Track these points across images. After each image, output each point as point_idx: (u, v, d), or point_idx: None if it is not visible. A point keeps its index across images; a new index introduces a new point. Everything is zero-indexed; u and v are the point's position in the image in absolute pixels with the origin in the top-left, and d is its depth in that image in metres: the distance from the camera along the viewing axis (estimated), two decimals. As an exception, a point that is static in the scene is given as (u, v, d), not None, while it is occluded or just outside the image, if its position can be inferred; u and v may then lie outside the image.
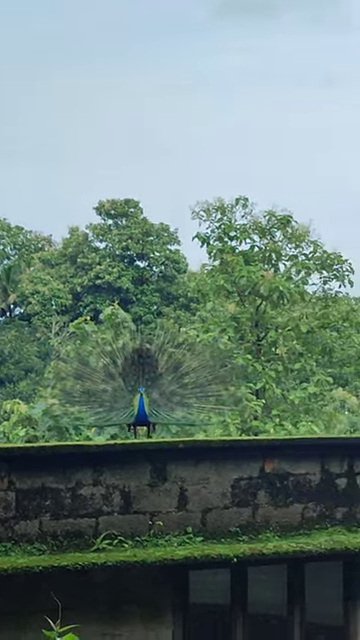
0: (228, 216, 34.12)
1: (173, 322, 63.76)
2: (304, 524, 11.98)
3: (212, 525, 11.61)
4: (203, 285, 35.40)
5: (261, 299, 33.25)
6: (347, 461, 12.23)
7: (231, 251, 33.46)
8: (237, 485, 11.75)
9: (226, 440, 12.75)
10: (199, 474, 11.60)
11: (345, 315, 33.43)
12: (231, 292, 33.72)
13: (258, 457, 11.89)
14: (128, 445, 11.69)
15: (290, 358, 32.99)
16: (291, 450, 12.08)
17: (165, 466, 11.48)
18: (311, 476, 12.06)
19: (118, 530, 11.22)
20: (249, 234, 33.90)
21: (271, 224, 33.97)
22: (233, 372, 33.68)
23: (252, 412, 31.35)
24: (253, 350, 33.77)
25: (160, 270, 70.54)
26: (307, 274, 33.76)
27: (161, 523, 11.37)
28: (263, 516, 11.82)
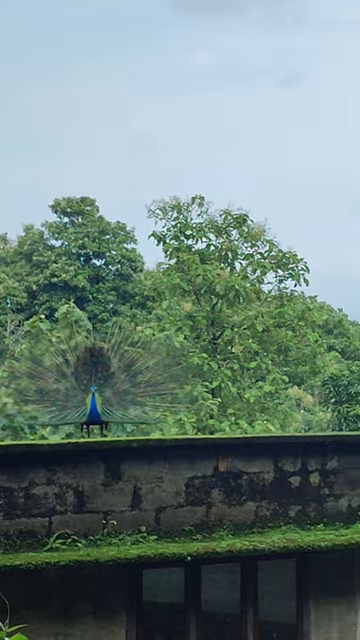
0: (184, 215, 34.11)
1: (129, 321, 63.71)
2: (258, 522, 12.01)
3: (166, 524, 11.60)
4: (159, 284, 35.38)
5: (217, 298, 33.30)
6: (300, 459, 12.28)
7: (187, 250, 33.49)
8: (191, 484, 11.75)
9: (180, 439, 12.76)
10: (153, 473, 11.60)
11: (300, 314, 33.55)
12: (187, 291, 33.75)
13: (212, 456, 11.90)
14: (81, 444, 11.67)
15: (246, 357, 33.07)
16: (245, 449, 12.10)
17: (119, 465, 11.47)
18: (265, 474, 12.09)
19: (72, 529, 11.18)
20: (205, 233, 33.94)
21: (227, 223, 34.02)
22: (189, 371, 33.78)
23: (208, 411, 31.38)
24: (209, 349, 33.81)
25: (116, 269, 70.37)
26: (263, 273, 33.86)
27: (115, 522, 11.35)
28: (217, 515, 11.84)
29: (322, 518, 12.31)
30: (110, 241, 70.39)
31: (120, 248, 70.28)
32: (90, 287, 68.73)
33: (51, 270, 68.90)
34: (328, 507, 12.38)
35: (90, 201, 70.92)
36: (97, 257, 70.90)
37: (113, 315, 66.52)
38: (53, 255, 70.06)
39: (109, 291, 68.82)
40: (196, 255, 33.13)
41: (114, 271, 70.47)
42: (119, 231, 70.65)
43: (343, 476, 12.45)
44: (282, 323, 33.58)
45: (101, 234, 70.05)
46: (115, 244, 70.32)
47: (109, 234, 70.57)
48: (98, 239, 69.80)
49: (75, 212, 71.34)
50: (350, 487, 12.49)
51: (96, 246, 69.57)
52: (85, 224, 70.47)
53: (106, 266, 70.53)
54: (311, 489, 12.29)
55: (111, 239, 70.57)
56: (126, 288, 68.98)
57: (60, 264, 68.77)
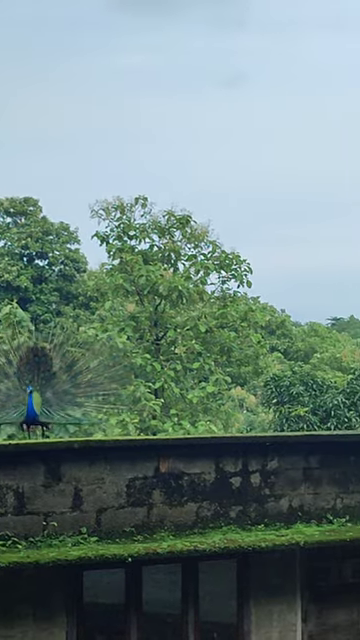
0: (127, 215, 34.09)
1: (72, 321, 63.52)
2: (199, 523, 12.03)
3: (107, 525, 11.59)
4: (102, 284, 35.38)
5: (160, 298, 33.33)
6: (241, 460, 12.32)
7: (130, 250, 33.48)
8: (132, 485, 11.75)
9: (121, 440, 12.75)
10: (94, 474, 11.58)
11: (243, 315, 33.67)
12: (130, 291, 33.75)
13: (153, 457, 11.90)
14: (21, 446, 11.60)
15: (189, 357, 33.13)
16: (186, 449, 12.12)
17: (59, 466, 11.43)
18: (206, 475, 12.12)
19: (12, 531, 11.13)
20: (148, 234, 33.96)
21: (170, 224, 34.07)
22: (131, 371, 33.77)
23: (151, 411, 31.40)
24: (152, 349, 33.83)
25: (59, 269, 70.10)
26: (206, 274, 33.95)
27: (55, 524, 11.31)
28: (158, 515, 11.84)
29: (263, 518, 12.36)
30: (53, 241, 70.10)
31: (63, 249, 70.03)
32: (33, 287, 68.39)
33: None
34: (269, 507, 12.44)
35: (33, 201, 70.58)
36: (40, 257, 70.58)
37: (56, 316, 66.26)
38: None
39: (52, 292, 68.54)
40: (139, 256, 33.14)
41: (57, 272, 70.20)
42: (62, 231, 70.39)
43: (284, 476, 12.51)
44: (225, 324, 33.69)
45: (44, 234, 69.74)
46: (58, 244, 70.05)
47: (52, 234, 70.28)
48: (41, 239, 69.49)
49: (18, 212, 70.97)
50: (291, 487, 12.56)
51: (39, 246, 69.26)
52: (28, 224, 70.13)
53: (49, 267, 70.24)
54: (252, 489, 12.33)
55: (54, 239, 70.29)
56: (69, 289, 68.74)
57: (2, 264, 68.36)
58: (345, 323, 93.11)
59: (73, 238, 70.61)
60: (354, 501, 12.87)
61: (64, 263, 70.08)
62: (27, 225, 70.06)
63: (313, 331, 77.73)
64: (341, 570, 12.90)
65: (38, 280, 69.26)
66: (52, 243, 69.89)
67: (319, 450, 12.74)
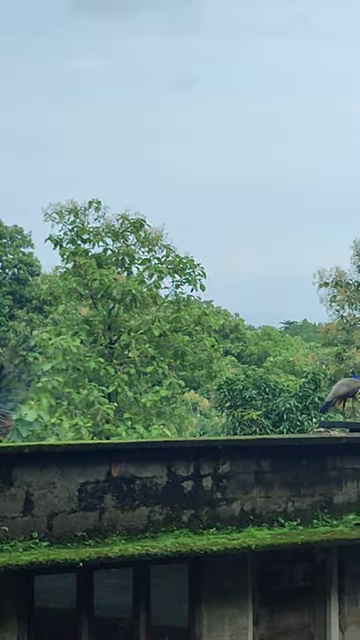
0: (81, 219, 34.05)
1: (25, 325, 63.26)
2: (150, 527, 12.03)
3: (58, 530, 11.55)
4: (56, 288, 35.34)
5: (114, 302, 33.34)
6: (193, 464, 12.33)
7: (84, 254, 33.47)
8: (84, 489, 11.72)
9: (72, 444, 12.70)
10: (45, 478, 11.54)
11: (197, 319, 33.76)
12: (84, 295, 33.72)
13: (105, 461, 11.88)
14: (-27, 450, 11.54)
15: (142, 361, 33.17)
16: (138, 453, 12.11)
17: (10, 471, 11.38)
18: (157, 479, 12.12)
19: None
20: (102, 237, 33.97)
21: (124, 227, 34.10)
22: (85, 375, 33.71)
23: (104, 415, 31.38)
24: (106, 353, 33.81)
25: (13, 272, 69.85)
26: (160, 278, 34.00)
27: (6, 528, 11.26)
28: (110, 520, 11.83)
29: (215, 522, 12.38)
30: (7, 245, 69.83)
31: (17, 252, 69.77)
32: (-14, 291, 68.08)
33: None
34: (221, 511, 12.46)
35: (-14, 204, 70.28)
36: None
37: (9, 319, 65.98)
38: None
39: (5, 295, 68.23)
40: (93, 259, 33.14)
41: (10, 275, 69.92)
42: (16, 235, 70.12)
43: (235, 480, 12.54)
44: (179, 328, 33.76)
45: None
46: (12, 248, 69.78)
47: (6, 238, 69.99)
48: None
49: (-30, 215, 70.65)
50: (242, 491, 12.59)
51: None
52: (-19, 227, 69.81)
53: (2, 270, 69.92)
54: (204, 493, 12.35)
55: (7, 243, 70.01)
56: (23, 292, 68.48)
57: None
58: (298, 327, 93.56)
59: (27, 241, 70.37)
60: (305, 504, 12.94)
61: (17, 267, 69.80)
62: (-20, 229, 69.75)
63: (266, 335, 78.03)
64: (292, 573, 12.96)
65: (-9, 283, 68.95)
66: (5, 246, 69.61)
67: (271, 454, 12.79)
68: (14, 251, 69.65)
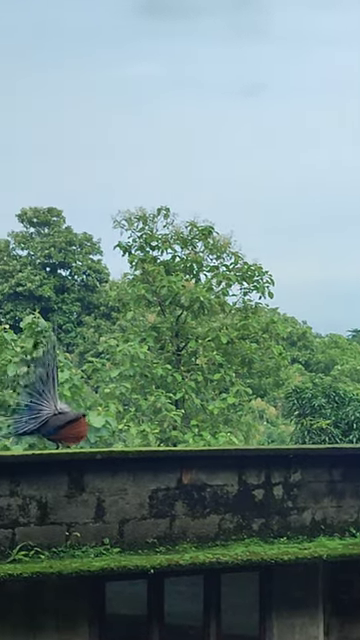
0: (150, 226, 34.14)
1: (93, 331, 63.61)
2: (221, 535, 12.01)
3: (129, 536, 11.58)
4: (124, 294, 35.41)
5: (182, 309, 33.35)
6: (264, 472, 12.30)
7: (152, 261, 33.52)
8: (154, 496, 11.74)
9: (143, 451, 12.75)
10: (116, 485, 11.58)
11: (265, 326, 33.66)
12: (152, 302, 33.77)
13: (176, 468, 11.90)
14: (45, 455, 11.62)
15: (210, 368, 33.13)
16: (208, 461, 12.11)
17: (82, 477, 11.44)
18: (228, 487, 12.10)
19: (35, 541, 11.14)
20: (170, 244, 34.00)
21: (193, 235, 34.11)
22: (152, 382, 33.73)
23: (171, 422, 31.40)
24: (173, 360, 33.83)
25: (82, 279, 70.29)
26: (228, 285, 33.96)
27: (78, 534, 11.32)
28: (180, 527, 11.83)
29: (285, 531, 12.34)
30: (76, 252, 70.32)
31: (86, 259, 70.22)
32: (55, 297, 68.61)
33: (16, 279, 68.72)
34: (291, 520, 12.41)
35: (57, 212, 70.85)
36: (63, 267, 70.81)
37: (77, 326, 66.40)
38: (18, 265, 69.88)
39: (74, 302, 68.70)
40: (161, 266, 33.18)
41: (79, 282, 70.39)
42: (85, 242, 70.59)
43: (306, 489, 12.49)
44: (246, 335, 33.68)
45: (67, 245, 69.96)
46: (81, 255, 70.25)
47: (75, 245, 70.49)
48: (64, 250, 69.71)
49: (42, 222, 71.22)
50: (313, 500, 12.53)
51: (62, 256, 69.47)
52: (51, 234, 70.37)
53: (72, 277, 70.43)
54: (274, 502, 12.31)
55: (77, 250, 70.51)
56: (91, 299, 68.91)
57: (25, 274, 68.59)
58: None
59: (96, 249, 70.82)
60: (377, 515, 12.83)
61: (86, 273, 70.26)
62: (50, 235, 70.31)
63: (334, 343, 77.61)
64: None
65: (60, 290, 69.48)
66: (75, 253, 70.10)
67: (342, 463, 12.71)
68: (83, 258, 70.13)
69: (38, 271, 69.37)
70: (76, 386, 27.50)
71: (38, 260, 70.23)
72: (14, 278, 69.11)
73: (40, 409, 12.55)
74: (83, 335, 64.67)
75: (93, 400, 31.68)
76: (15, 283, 68.85)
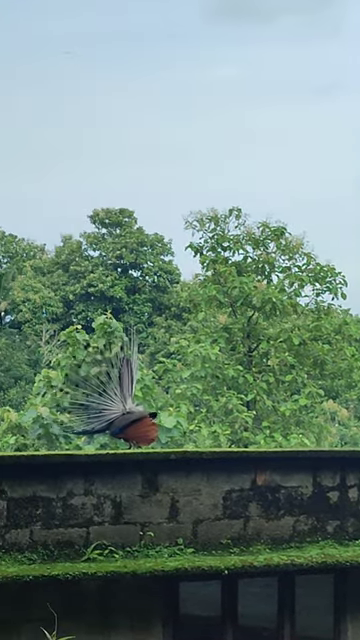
0: (221, 227, 34.14)
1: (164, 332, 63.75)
2: (295, 537, 11.95)
3: (203, 537, 11.57)
4: (195, 295, 35.40)
5: (253, 310, 33.28)
6: (339, 474, 12.20)
7: (224, 262, 33.51)
8: (228, 497, 11.72)
9: (217, 451, 12.73)
10: (190, 485, 11.57)
11: (337, 328, 33.47)
12: (223, 303, 33.72)
13: (250, 469, 11.86)
14: (119, 455, 11.65)
15: (281, 370, 33.03)
16: (283, 462, 12.05)
17: (156, 477, 11.45)
18: (303, 489, 12.04)
19: (109, 540, 11.18)
20: (242, 245, 33.96)
21: (265, 235, 34.04)
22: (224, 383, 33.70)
23: (243, 423, 31.36)
24: (244, 361, 33.78)
25: (153, 280, 70.52)
26: (300, 286, 33.83)
27: (152, 534, 11.34)
28: (254, 528, 11.79)
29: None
30: (147, 253, 70.55)
31: (157, 260, 70.41)
32: (126, 298, 68.90)
33: (88, 280, 69.15)
34: (366, 523, 12.30)
35: (129, 212, 71.15)
36: (134, 268, 71.08)
37: (148, 326, 66.62)
38: (90, 265, 70.31)
39: (145, 302, 68.93)
40: (233, 267, 33.15)
41: (151, 282, 70.61)
42: (157, 243, 70.79)
43: (382, 492, 12.36)
44: (318, 337, 33.52)
45: (139, 245, 70.22)
46: (152, 256, 70.47)
47: (147, 246, 70.72)
48: (136, 250, 69.98)
49: (113, 223, 71.58)
50: (389, 503, 12.40)
51: (133, 257, 69.76)
52: (123, 235, 70.68)
53: (143, 277, 70.67)
54: (350, 504, 12.21)
55: (148, 251, 70.74)
56: (162, 299, 69.07)
57: (97, 274, 68.99)
58: None
59: (167, 250, 71.00)
60: None
61: (158, 274, 70.45)
62: (122, 236, 70.64)
63: None
64: None
65: (132, 291, 69.78)
66: (146, 254, 70.34)
67: None
68: (154, 259, 70.35)
69: (110, 272, 69.72)
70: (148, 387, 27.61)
71: (110, 261, 70.60)
72: (86, 279, 69.53)
73: (107, 408, 12.57)
74: (154, 336, 64.85)
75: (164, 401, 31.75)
76: (87, 284, 69.26)
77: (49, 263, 74.75)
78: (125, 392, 12.59)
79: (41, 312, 70.55)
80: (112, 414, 12.54)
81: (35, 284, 71.20)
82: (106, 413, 12.67)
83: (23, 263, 76.62)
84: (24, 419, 26.39)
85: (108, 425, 12.63)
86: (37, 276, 72.62)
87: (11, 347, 68.88)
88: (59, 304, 70.39)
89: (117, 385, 12.66)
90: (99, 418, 12.75)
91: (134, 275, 71.16)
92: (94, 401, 12.85)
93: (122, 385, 12.60)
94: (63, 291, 70.67)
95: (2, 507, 10.93)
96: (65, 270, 72.33)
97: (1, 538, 10.90)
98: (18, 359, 67.75)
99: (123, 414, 12.43)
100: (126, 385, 12.60)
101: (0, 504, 10.93)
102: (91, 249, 72.28)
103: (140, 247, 70.29)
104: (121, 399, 12.57)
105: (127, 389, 12.61)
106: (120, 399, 12.60)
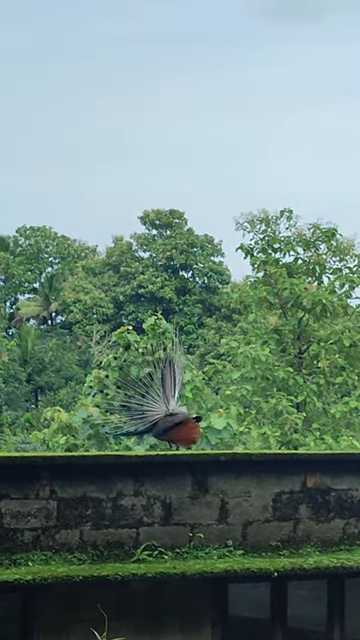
0: (272, 228, 34.03)
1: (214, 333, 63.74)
2: (345, 540, 11.90)
3: (253, 538, 11.56)
4: (246, 296, 35.30)
5: (304, 312, 33.14)
6: (390, 477, 12.13)
7: (275, 263, 33.37)
8: (278, 499, 11.70)
9: (267, 453, 12.70)
10: (240, 487, 11.57)
11: (388, 329, 33.19)
12: (273, 304, 33.61)
13: (300, 471, 11.83)
14: (169, 456, 11.67)
15: (332, 372, 32.85)
16: (333, 465, 12.01)
17: (206, 478, 11.46)
18: (353, 492, 11.98)
19: (158, 541, 11.21)
20: (293, 246, 33.82)
21: (316, 237, 33.89)
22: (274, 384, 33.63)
23: (292, 425, 31.25)
24: (295, 363, 33.66)
25: (203, 281, 70.53)
26: (351, 287, 33.61)
27: (201, 535, 11.34)
28: (304, 531, 11.76)
29: None
30: (197, 254, 70.58)
31: (207, 261, 70.42)
32: (176, 299, 68.96)
33: (138, 281, 69.35)
34: None
35: (179, 214, 71.24)
36: (184, 269, 71.16)
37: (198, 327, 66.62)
38: (140, 266, 70.53)
39: (195, 303, 68.96)
40: (283, 268, 33.01)
41: (201, 283, 70.63)
42: (207, 244, 70.80)
43: None
44: (369, 338, 33.26)
45: (189, 247, 70.28)
46: (203, 257, 70.49)
47: (197, 247, 70.75)
48: (186, 251, 70.05)
49: (164, 224, 71.71)
50: None
51: (184, 258, 69.83)
52: (173, 236, 70.78)
53: (193, 278, 70.70)
54: None
55: (199, 252, 70.76)
56: (212, 300, 69.06)
57: (147, 275, 69.17)
58: None
59: (217, 251, 70.97)
60: None
61: (208, 275, 70.45)
62: (172, 237, 70.75)
63: None
64: None
65: (182, 292, 69.86)
66: (196, 255, 70.37)
67: None
68: (204, 260, 70.36)
69: (160, 273, 69.86)
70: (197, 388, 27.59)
71: (160, 262, 70.73)
72: (136, 280, 69.73)
73: (151, 410, 12.56)
74: (204, 337, 64.84)
75: (214, 402, 31.71)
76: (137, 285, 69.46)
77: (100, 264, 75.05)
78: (168, 393, 12.57)
79: (92, 313, 70.84)
80: (155, 415, 12.54)
81: (86, 285, 71.53)
82: (149, 414, 12.68)
83: (75, 264, 77.00)
84: (74, 419, 26.46)
85: (151, 426, 12.64)
86: (88, 277, 72.92)
87: (62, 348, 69.24)
88: (109, 305, 70.65)
89: (160, 386, 12.65)
90: (143, 419, 12.77)
91: (184, 276, 71.22)
92: (139, 402, 12.88)
93: (165, 386, 12.58)
94: (113, 292, 70.92)
95: (52, 507, 10.99)
96: (116, 271, 72.58)
97: (51, 538, 10.97)
98: (68, 359, 68.08)
99: (166, 415, 12.42)
100: (169, 386, 12.58)
101: (50, 504, 10.99)
102: (141, 250, 72.49)
103: (190, 248, 70.34)
104: (164, 400, 12.55)
105: (170, 390, 12.60)
106: (163, 400, 12.58)
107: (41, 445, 27.21)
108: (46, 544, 10.94)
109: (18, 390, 64.02)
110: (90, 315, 70.98)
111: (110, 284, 71.74)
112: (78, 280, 72.95)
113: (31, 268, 79.04)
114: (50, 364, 67.67)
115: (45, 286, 76.92)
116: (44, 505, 10.97)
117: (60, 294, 74.65)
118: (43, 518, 10.95)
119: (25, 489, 10.94)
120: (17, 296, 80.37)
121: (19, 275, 77.96)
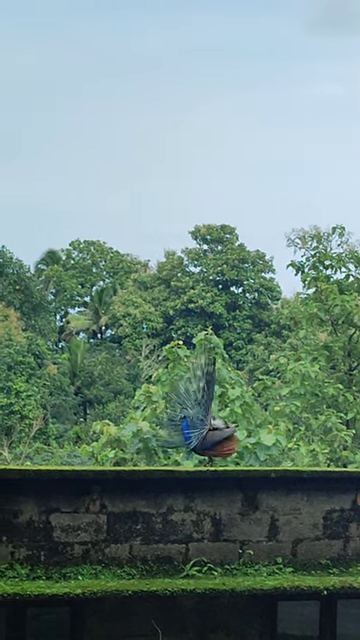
0: (324, 244, 33.96)
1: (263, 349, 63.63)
2: None
3: (302, 556, 11.51)
4: (296, 313, 35.24)
5: (355, 328, 33.02)
6: None
7: (326, 280, 33.29)
8: (329, 517, 11.64)
9: (318, 471, 12.64)
10: (290, 504, 11.53)
11: None
12: (324, 320, 33.51)
13: (350, 489, 11.77)
14: (219, 472, 11.65)
15: (382, 389, 32.66)
16: (385, 483, 11.93)
17: (256, 495, 11.43)
18: None
19: (208, 557, 11.19)
20: (344, 263, 33.72)
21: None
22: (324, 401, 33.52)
23: (342, 442, 31.09)
24: (345, 380, 33.53)
25: (253, 297, 70.43)
26: None
27: (251, 552, 11.31)
28: (355, 549, 11.69)
29: None
30: (248, 269, 70.54)
31: (258, 277, 70.33)
32: (226, 314, 68.92)
33: (188, 296, 69.42)
34: None
35: (230, 229, 71.27)
36: (235, 285, 71.13)
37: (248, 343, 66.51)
38: (191, 281, 70.60)
39: (245, 319, 68.87)
40: (335, 285, 32.91)
41: (251, 299, 70.55)
42: (258, 260, 70.73)
43: None
44: None
45: (240, 262, 70.25)
46: (253, 272, 70.42)
47: (248, 262, 70.71)
48: (237, 267, 70.04)
49: (215, 239, 71.78)
50: None
51: (234, 274, 69.81)
52: (224, 251, 70.80)
53: (243, 294, 70.63)
54: None
55: (249, 267, 70.72)
56: (262, 316, 68.95)
57: (197, 290, 69.22)
58: None
59: (268, 267, 70.88)
60: None
61: (258, 291, 70.36)
62: (223, 252, 70.77)
63: None
64: None
65: (232, 307, 69.82)
66: (247, 271, 70.33)
67: None
68: (255, 276, 70.29)
69: (210, 288, 69.87)
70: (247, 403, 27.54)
71: (210, 277, 70.75)
72: (186, 294, 69.78)
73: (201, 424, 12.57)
74: (253, 352, 64.71)
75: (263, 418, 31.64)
76: (187, 299, 69.52)
77: (151, 278, 75.26)
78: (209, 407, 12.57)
79: (141, 327, 71.00)
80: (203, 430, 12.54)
81: (136, 299, 71.72)
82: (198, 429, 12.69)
83: (126, 278, 77.27)
84: (123, 433, 26.51)
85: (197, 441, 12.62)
86: (138, 291, 73.11)
87: (111, 361, 69.42)
88: (159, 319, 70.76)
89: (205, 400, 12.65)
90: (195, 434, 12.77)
91: (234, 291, 71.18)
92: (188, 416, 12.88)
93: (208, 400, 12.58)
94: (163, 306, 71.04)
95: (102, 521, 11.01)
96: (166, 285, 72.72)
97: (101, 552, 10.99)
98: (118, 373, 68.24)
99: (210, 430, 12.40)
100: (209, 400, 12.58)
101: (100, 518, 11.01)
102: (192, 265, 72.57)
103: (241, 264, 70.30)
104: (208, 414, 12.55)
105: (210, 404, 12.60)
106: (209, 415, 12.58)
107: (89, 459, 27.28)
108: (96, 558, 10.96)
109: (66, 403, 64.25)
110: (139, 329, 71.14)
111: (160, 298, 71.87)
112: (128, 294, 73.16)
113: (82, 282, 79.44)
114: (99, 377, 67.87)
115: (95, 300, 77.24)
116: (94, 519, 11.00)
117: (110, 308, 74.89)
118: (93, 532, 10.98)
119: (75, 503, 10.97)
120: (67, 309, 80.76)
121: (71, 288, 78.37)
